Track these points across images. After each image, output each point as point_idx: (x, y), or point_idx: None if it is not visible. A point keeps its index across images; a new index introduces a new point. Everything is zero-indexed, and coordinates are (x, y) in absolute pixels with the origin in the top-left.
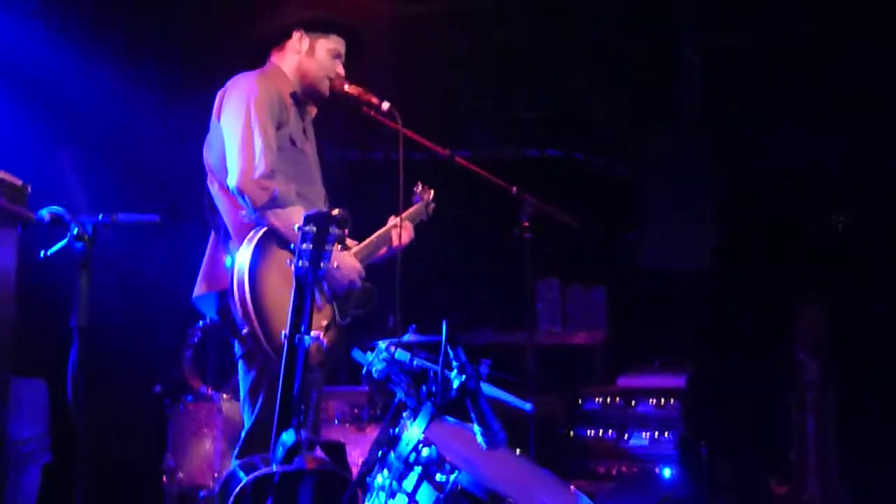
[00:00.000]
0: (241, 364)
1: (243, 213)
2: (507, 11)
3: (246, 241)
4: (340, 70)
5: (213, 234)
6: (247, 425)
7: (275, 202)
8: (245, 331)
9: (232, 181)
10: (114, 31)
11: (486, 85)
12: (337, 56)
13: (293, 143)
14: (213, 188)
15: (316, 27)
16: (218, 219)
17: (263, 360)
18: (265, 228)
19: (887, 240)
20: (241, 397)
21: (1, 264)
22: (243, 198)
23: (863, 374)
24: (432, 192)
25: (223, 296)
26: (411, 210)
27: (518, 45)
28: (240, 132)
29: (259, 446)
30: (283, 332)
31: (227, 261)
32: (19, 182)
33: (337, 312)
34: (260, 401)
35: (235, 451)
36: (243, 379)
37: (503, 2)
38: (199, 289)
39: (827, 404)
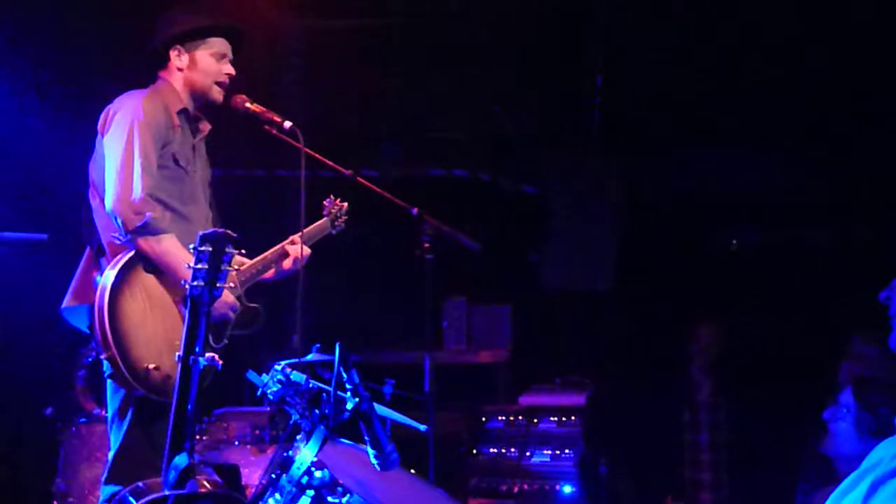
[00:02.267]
0: (109, 383)
1: (115, 233)
2: (416, 29)
3: (111, 265)
4: (230, 70)
5: (87, 248)
6: (114, 447)
7: (146, 228)
8: (104, 355)
9: (108, 203)
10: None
11: (395, 103)
12: (222, 57)
13: (176, 162)
14: (94, 202)
15: (190, 38)
16: (94, 233)
17: (125, 382)
18: (132, 252)
19: (779, 262)
20: (109, 418)
21: None
22: (116, 220)
23: (754, 392)
24: (345, 205)
25: (93, 309)
26: (313, 226)
27: (428, 63)
28: (120, 154)
29: (126, 469)
30: (144, 359)
31: (98, 278)
32: None
33: (211, 337)
34: (127, 422)
35: (104, 475)
36: (111, 399)
37: (413, 19)
38: (68, 300)
39: (719, 422)
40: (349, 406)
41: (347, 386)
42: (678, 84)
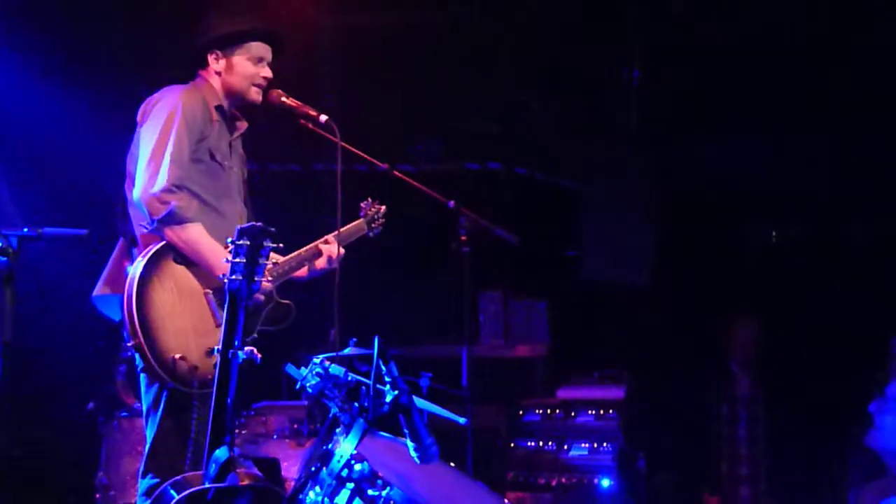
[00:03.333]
0: (142, 377)
1: (143, 223)
2: (452, 25)
3: (141, 255)
4: (267, 73)
5: (121, 239)
6: (149, 440)
7: (171, 217)
8: (131, 343)
9: (135, 192)
10: (45, 45)
11: (430, 98)
12: (260, 60)
13: (213, 157)
14: (129, 194)
15: (228, 43)
16: (128, 225)
17: (152, 371)
18: (163, 243)
19: (818, 256)
20: (144, 411)
21: None
22: (142, 209)
23: (792, 387)
24: (383, 207)
25: (122, 299)
26: (348, 227)
27: (463, 58)
28: (153, 145)
29: (162, 461)
30: (170, 349)
31: (129, 268)
32: None
33: None
34: (160, 415)
35: (140, 468)
36: (145, 392)
37: (447, 16)
38: (100, 289)
39: (758, 416)
40: (388, 399)
41: (386, 379)
42: (716, 75)
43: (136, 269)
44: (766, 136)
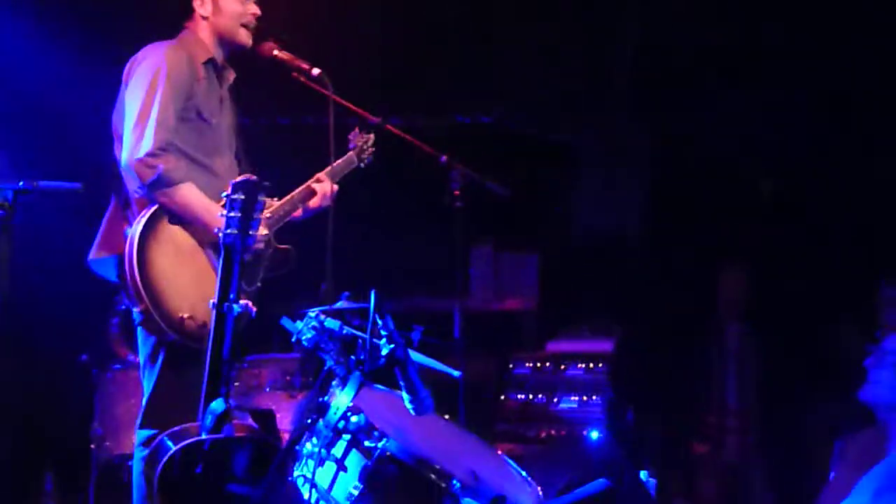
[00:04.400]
0: (140, 330)
1: (134, 187)
2: None
3: (136, 220)
4: (255, 10)
5: (114, 198)
6: (147, 392)
7: (161, 180)
8: (138, 307)
9: (123, 158)
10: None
11: (421, 53)
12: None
13: (200, 115)
14: (118, 154)
15: None
16: (122, 186)
17: (160, 332)
18: (156, 206)
19: (813, 206)
20: (141, 364)
21: None
22: (131, 174)
23: (782, 338)
24: (371, 136)
25: (121, 262)
26: (339, 162)
27: (456, 15)
28: (139, 107)
29: (160, 413)
30: (178, 309)
31: (127, 230)
32: None
33: (243, 280)
34: (159, 367)
35: (138, 420)
36: (142, 345)
37: None
38: (96, 252)
39: (747, 367)
40: (384, 352)
41: (382, 332)
42: (708, 29)
43: (133, 233)
44: (753, 90)
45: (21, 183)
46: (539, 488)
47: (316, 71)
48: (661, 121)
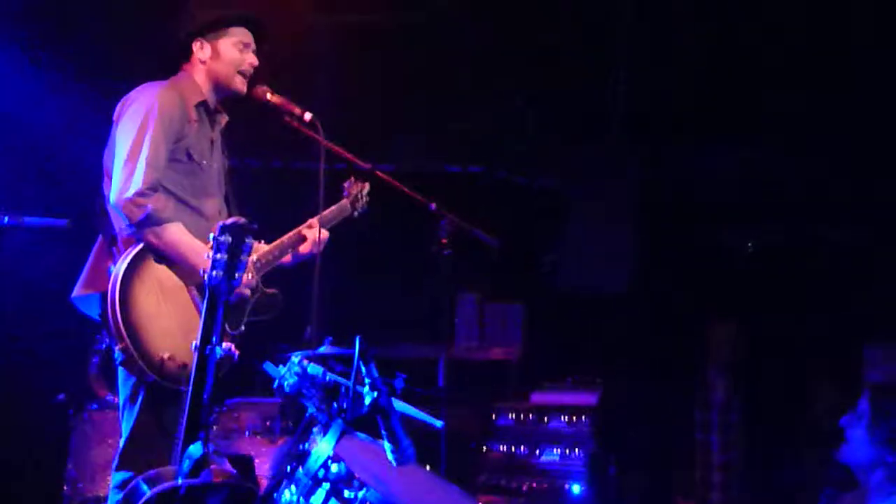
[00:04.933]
0: (120, 370)
1: (122, 225)
2: (436, 25)
3: (121, 258)
4: (252, 60)
5: (100, 236)
6: (125, 433)
7: (149, 219)
8: (118, 346)
9: (111, 196)
10: (22, 30)
11: (413, 97)
12: (245, 46)
13: (190, 157)
14: (107, 192)
15: (212, 29)
16: (107, 223)
17: (140, 373)
18: (141, 245)
19: (796, 263)
20: (120, 404)
21: None
22: (119, 212)
23: (768, 393)
24: (366, 185)
25: (104, 299)
26: (332, 209)
27: (446, 60)
28: (129, 147)
29: (136, 455)
30: (158, 349)
31: (111, 268)
32: None
33: (227, 324)
34: (138, 408)
35: (115, 462)
36: (122, 385)
37: (433, 16)
38: (79, 289)
39: (732, 422)
40: (367, 400)
41: (366, 380)
42: (698, 82)
43: (117, 271)
44: (745, 143)
45: (6, 219)
46: None
47: (308, 115)
48: (651, 171)
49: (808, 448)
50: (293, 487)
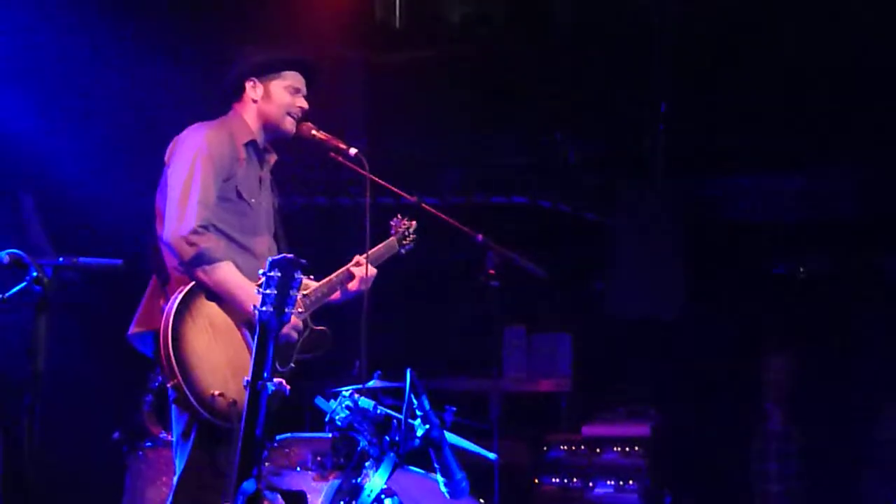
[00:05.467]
0: (174, 408)
1: (174, 264)
2: (478, 61)
3: (173, 296)
4: (303, 104)
5: (154, 276)
6: (178, 471)
7: (201, 258)
8: (170, 383)
9: (164, 235)
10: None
11: (459, 131)
12: (296, 91)
13: (240, 195)
14: (160, 231)
15: (266, 71)
16: (161, 261)
17: (191, 409)
18: (193, 283)
19: (849, 289)
20: (174, 442)
21: None
22: (171, 251)
23: (825, 423)
24: (413, 223)
25: (157, 337)
26: (380, 246)
27: (490, 92)
28: (180, 186)
29: (191, 492)
30: (210, 386)
31: (164, 306)
32: None
33: (276, 361)
34: (190, 445)
35: (169, 500)
36: (176, 423)
37: (472, 52)
38: (134, 327)
39: (789, 453)
40: (420, 433)
41: (418, 413)
42: (741, 109)
43: (169, 308)
44: (791, 169)
45: (60, 259)
46: None
47: (353, 150)
48: (697, 200)
49: (869, 471)
50: None
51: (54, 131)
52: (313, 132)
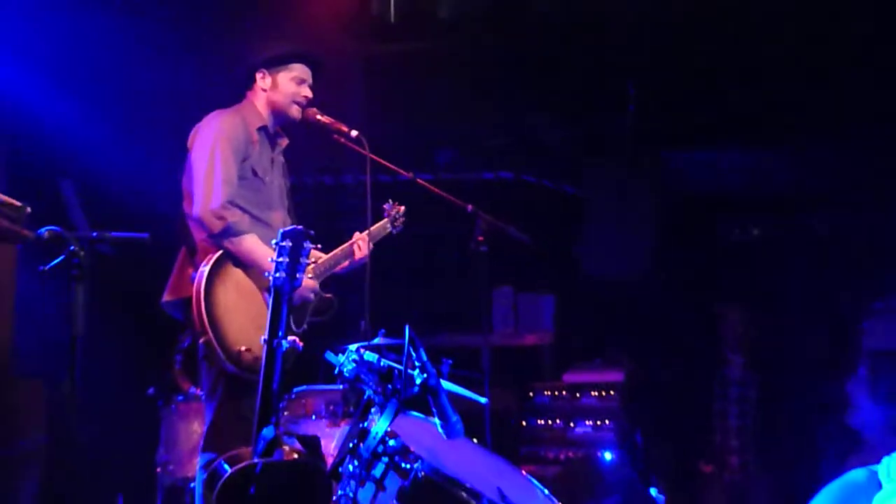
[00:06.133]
0: (203, 364)
1: (203, 236)
2: (463, 52)
3: (205, 261)
4: (308, 93)
5: (183, 248)
6: (208, 421)
7: (228, 230)
8: (202, 339)
9: (194, 210)
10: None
11: (449, 115)
12: (302, 82)
13: (255, 173)
14: (187, 209)
15: (274, 63)
16: (189, 235)
17: (220, 363)
18: (221, 252)
19: (793, 249)
20: (204, 394)
21: (1, 278)
22: (202, 225)
23: (780, 366)
24: (402, 208)
25: (188, 303)
26: (377, 226)
27: (479, 82)
28: (203, 167)
29: (219, 439)
30: (236, 342)
31: (193, 274)
32: (18, 203)
33: (292, 321)
34: (218, 397)
35: (201, 444)
36: (205, 377)
37: (458, 43)
38: (167, 295)
39: (748, 394)
40: (418, 382)
41: (416, 363)
42: (701, 92)
43: (202, 272)
44: (746, 146)
45: (94, 234)
46: None
47: (354, 133)
48: (663, 172)
49: (816, 415)
50: (356, 461)
51: (91, 119)
52: (318, 117)
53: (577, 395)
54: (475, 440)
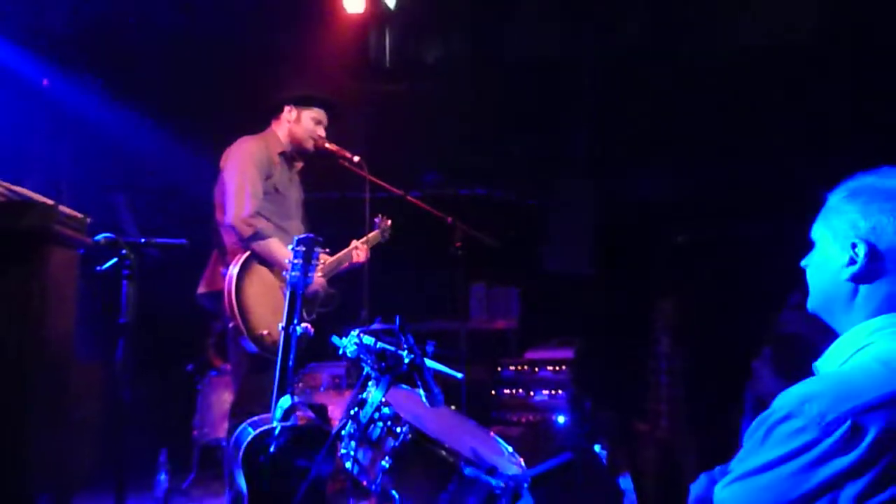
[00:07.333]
0: (231, 344)
1: (234, 240)
2: (446, 90)
3: (235, 260)
4: (322, 133)
5: (215, 250)
6: (235, 390)
7: (257, 236)
8: (231, 324)
9: (227, 219)
10: (161, 99)
11: (434, 142)
12: (318, 122)
13: (277, 190)
14: (219, 217)
15: (301, 102)
16: (220, 238)
17: (245, 344)
18: (248, 252)
19: (720, 251)
20: (231, 370)
21: (66, 278)
22: (234, 231)
23: (701, 345)
24: (389, 221)
25: (219, 296)
26: (371, 235)
27: (458, 115)
28: (234, 184)
29: (246, 406)
30: (260, 327)
31: (224, 271)
32: (80, 215)
33: (305, 311)
34: (244, 373)
35: (230, 412)
36: (233, 356)
37: (442, 84)
38: (201, 288)
39: (675, 367)
40: (406, 360)
41: (405, 346)
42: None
43: (233, 271)
44: (678, 161)
45: (143, 239)
46: (522, 460)
47: (356, 158)
48: (606, 188)
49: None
50: (356, 425)
51: (140, 135)
52: (326, 145)
53: (537, 369)
54: (454, 407)
